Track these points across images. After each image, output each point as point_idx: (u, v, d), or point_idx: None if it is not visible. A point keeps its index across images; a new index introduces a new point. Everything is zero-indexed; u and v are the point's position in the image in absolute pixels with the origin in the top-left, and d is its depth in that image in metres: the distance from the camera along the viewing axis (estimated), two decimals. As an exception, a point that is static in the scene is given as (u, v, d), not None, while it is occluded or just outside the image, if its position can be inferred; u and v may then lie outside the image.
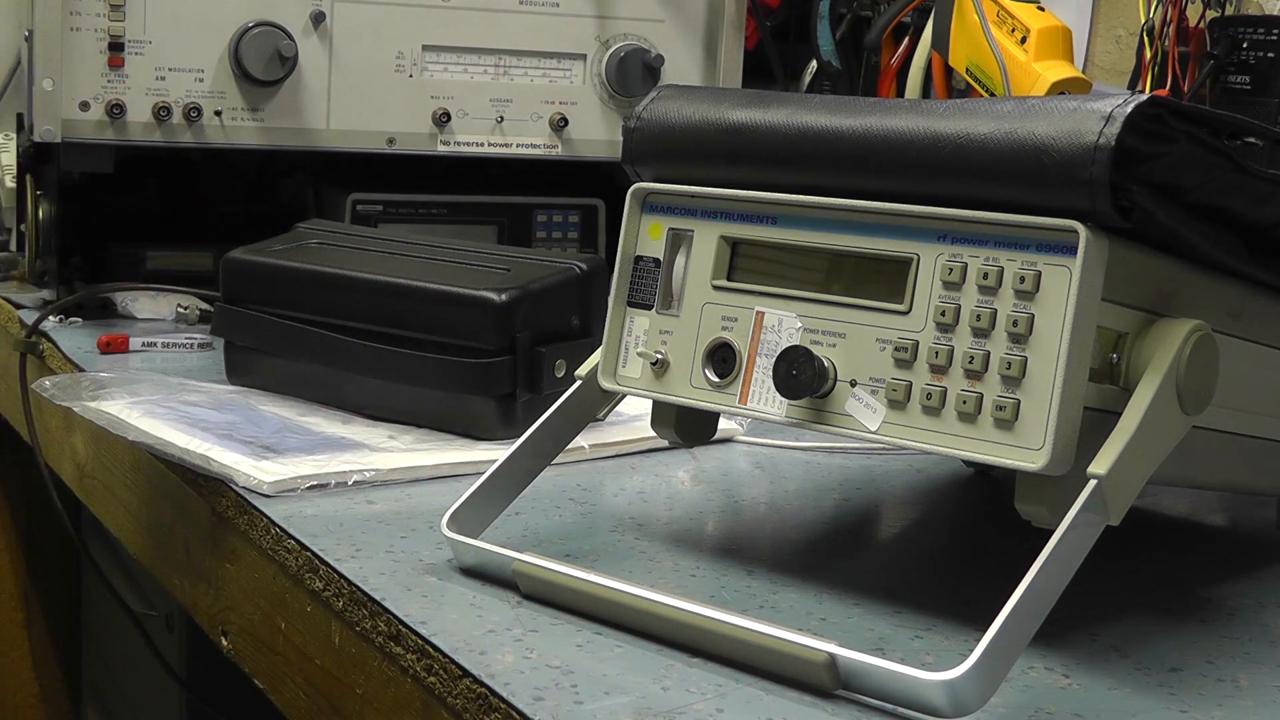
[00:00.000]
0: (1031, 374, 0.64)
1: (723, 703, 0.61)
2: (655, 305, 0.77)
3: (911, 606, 0.72)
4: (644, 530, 0.83)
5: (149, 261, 1.38)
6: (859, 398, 0.69)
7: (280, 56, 1.27)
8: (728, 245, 0.75)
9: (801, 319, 0.71)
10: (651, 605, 0.67)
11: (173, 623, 1.46)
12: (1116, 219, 0.63)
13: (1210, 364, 0.67)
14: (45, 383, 1.03)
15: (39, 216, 1.34)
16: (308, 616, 0.77)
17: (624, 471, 0.94)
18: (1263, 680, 0.67)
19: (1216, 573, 0.83)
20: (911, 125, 0.68)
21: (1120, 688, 0.65)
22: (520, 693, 0.61)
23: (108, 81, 1.24)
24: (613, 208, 1.44)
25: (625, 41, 1.40)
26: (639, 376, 0.77)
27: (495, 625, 0.68)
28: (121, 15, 1.24)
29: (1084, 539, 0.63)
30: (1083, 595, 0.66)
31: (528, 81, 1.38)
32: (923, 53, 1.57)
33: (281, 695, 0.81)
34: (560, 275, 1.00)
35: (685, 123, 0.76)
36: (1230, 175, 0.67)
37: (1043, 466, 0.63)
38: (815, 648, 0.62)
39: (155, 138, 1.26)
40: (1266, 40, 1.29)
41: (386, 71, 1.33)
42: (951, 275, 0.66)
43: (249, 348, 1.07)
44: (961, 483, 0.97)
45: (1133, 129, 0.62)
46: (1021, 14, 1.34)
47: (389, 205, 1.37)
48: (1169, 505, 0.95)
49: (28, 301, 1.35)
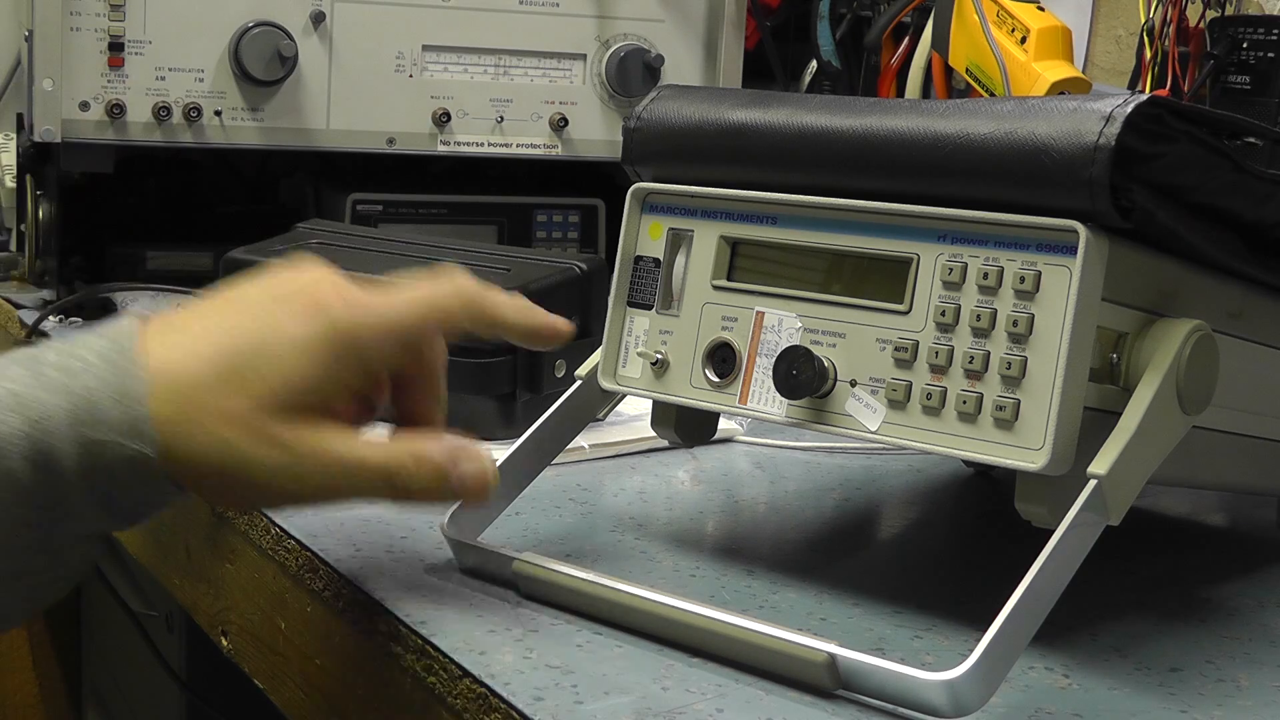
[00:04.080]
0: (1031, 374, 0.64)
1: (723, 703, 0.61)
2: (655, 305, 0.77)
3: (911, 606, 0.72)
4: (644, 530, 0.83)
5: (149, 261, 1.38)
6: (859, 398, 0.69)
7: (280, 56, 1.27)
8: (728, 245, 0.75)
9: (801, 319, 0.71)
10: (651, 605, 0.67)
11: (173, 623, 1.46)
12: (1116, 219, 0.63)
13: (1210, 364, 0.67)
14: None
15: (39, 216, 1.34)
16: (308, 616, 0.77)
17: (624, 471, 0.94)
18: (1263, 680, 0.67)
19: (1216, 573, 0.83)
20: (911, 125, 0.68)
21: (1120, 688, 0.65)
22: (520, 693, 0.61)
23: (108, 81, 1.24)
24: (613, 208, 1.44)
25: (625, 41, 1.40)
26: (639, 376, 0.77)
27: (495, 625, 0.68)
28: (121, 15, 1.24)
29: (1084, 539, 0.63)
30: (1083, 595, 0.66)
31: (528, 81, 1.38)
32: (923, 53, 1.57)
33: (281, 695, 0.81)
34: (560, 275, 1.00)
35: (685, 123, 0.76)
36: (1230, 175, 0.67)
37: (1043, 466, 0.63)
38: (815, 648, 0.62)
39: (155, 138, 1.26)
40: (1266, 40, 1.29)
41: (386, 71, 1.33)
42: (951, 275, 0.66)
43: (249, 348, 1.07)
44: (961, 483, 0.97)
45: (1133, 129, 0.62)
46: (1021, 14, 1.34)
47: (389, 205, 1.37)
48: (1169, 505, 0.95)
49: (28, 301, 1.35)
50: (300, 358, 0.64)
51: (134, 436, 0.62)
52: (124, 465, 0.62)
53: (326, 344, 0.65)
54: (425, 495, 0.67)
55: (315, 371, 0.64)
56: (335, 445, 0.65)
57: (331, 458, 0.64)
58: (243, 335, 0.64)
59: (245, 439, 0.63)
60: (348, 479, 0.65)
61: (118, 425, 0.62)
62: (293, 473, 0.64)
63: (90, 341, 0.64)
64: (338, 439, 0.65)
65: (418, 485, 0.66)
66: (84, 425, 0.62)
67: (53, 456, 0.61)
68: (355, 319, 0.66)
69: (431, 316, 0.69)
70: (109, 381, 0.62)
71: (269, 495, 0.66)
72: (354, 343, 0.65)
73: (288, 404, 0.64)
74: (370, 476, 0.65)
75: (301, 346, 0.64)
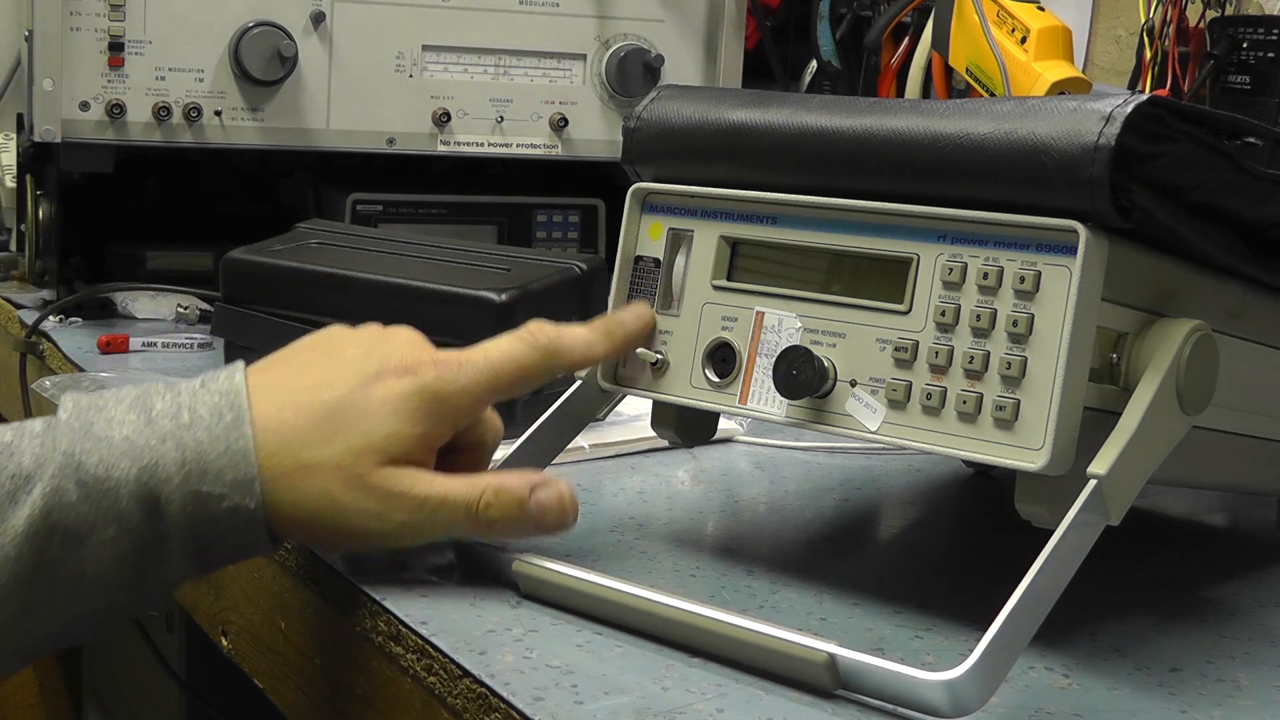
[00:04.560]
0: (1031, 374, 0.64)
1: (723, 703, 0.61)
2: (655, 305, 0.77)
3: (911, 606, 0.72)
4: (644, 530, 0.83)
5: (149, 261, 1.38)
6: (859, 398, 0.69)
7: (280, 56, 1.27)
8: (728, 245, 0.75)
9: (801, 319, 0.71)
10: (651, 605, 0.67)
11: (173, 623, 1.46)
12: (1116, 219, 0.63)
13: (1210, 364, 0.67)
14: (45, 382, 1.03)
15: (39, 216, 1.34)
16: (308, 616, 0.77)
17: (624, 471, 0.94)
18: (1263, 680, 0.67)
19: (1216, 573, 0.83)
20: (911, 125, 0.68)
21: (1120, 688, 0.65)
22: (520, 693, 0.61)
23: (108, 81, 1.24)
24: (613, 208, 1.44)
25: (625, 41, 1.40)
26: (639, 376, 0.77)
27: (495, 625, 0.68)
28: (121, 15, 1.24)
29: (1084, 539, 0.63)
30: (1083, 595, 0.66)
31: (528, 81, 1.38)
32: (923, 53, 1.57)
33: (281, 695, 0.81)
34: (560, 275, 1.00)
35: (685, 123, 0.76)
36: (1230, 175, 0.67)
37: (1043, 466, 0.63)
38: (815, 648, 0.62)
39: (155, 138, 1.26)
40: (1266, 40, 1.29)
41: (386, 71, 1.33)
42: (951, 275, 0.66)
43: (249, 348, 1.07)
44: (961, 483, 0.97)
45: (1133, 129, 0.62)
46: (1021, 14, 1.34)
47: (389, 205, 1.37)
48: (1169, 505, 0.95)
49: (28, 301, 1.34)
50: (393, 415, 0.69)
51: (241, 491, 0.67)
52: (227, 517, 0.67)
53: (418, 403, 0.70)
54: (506, 525, 0.71)
55: (405, 429, 0.69)
56: (420, 488, 0.69)
57: (418, 500, 0.69)
58: (341, 392, 0.70)
59: (340, 487, 0.68)
60: (433, 516, 0.69)
61: (227, 481, 0.67)
62: (384, 516, 0.69)
63: (200, 394, 0.69)
64: (422, 481, 0.69)
65: (498, 515, 0.70)
66: (193, 478, 0.66)
67: (160, 502, 0.66)
68: (444, 380, 0.71)
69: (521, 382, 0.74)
70: (219, 437, 0.67)
71: (362, 537, 0.70)
72: (441, 404, 0.70)
73: (380, 456, 0.69)
74: (454, 512, 0.70)
75: (394, 405, 0.69)
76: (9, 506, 0.65)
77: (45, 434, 0.67)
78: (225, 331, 1.09)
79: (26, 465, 0.66)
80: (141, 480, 0.66)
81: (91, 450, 0.66)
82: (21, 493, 0.65)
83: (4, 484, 0.65)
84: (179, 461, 0.66)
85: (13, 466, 0.66)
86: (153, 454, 0.66)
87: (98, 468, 0.66)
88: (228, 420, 0.68)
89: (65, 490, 0.65)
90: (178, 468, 0.66)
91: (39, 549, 0.65)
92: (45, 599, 0.66)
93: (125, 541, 0.66)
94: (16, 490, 0.65)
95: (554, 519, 0.71)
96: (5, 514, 0.65)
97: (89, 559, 0.66)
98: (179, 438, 0.67)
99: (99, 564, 0.66)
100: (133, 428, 0.67)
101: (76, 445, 0.66)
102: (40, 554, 0.65)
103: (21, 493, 0.65)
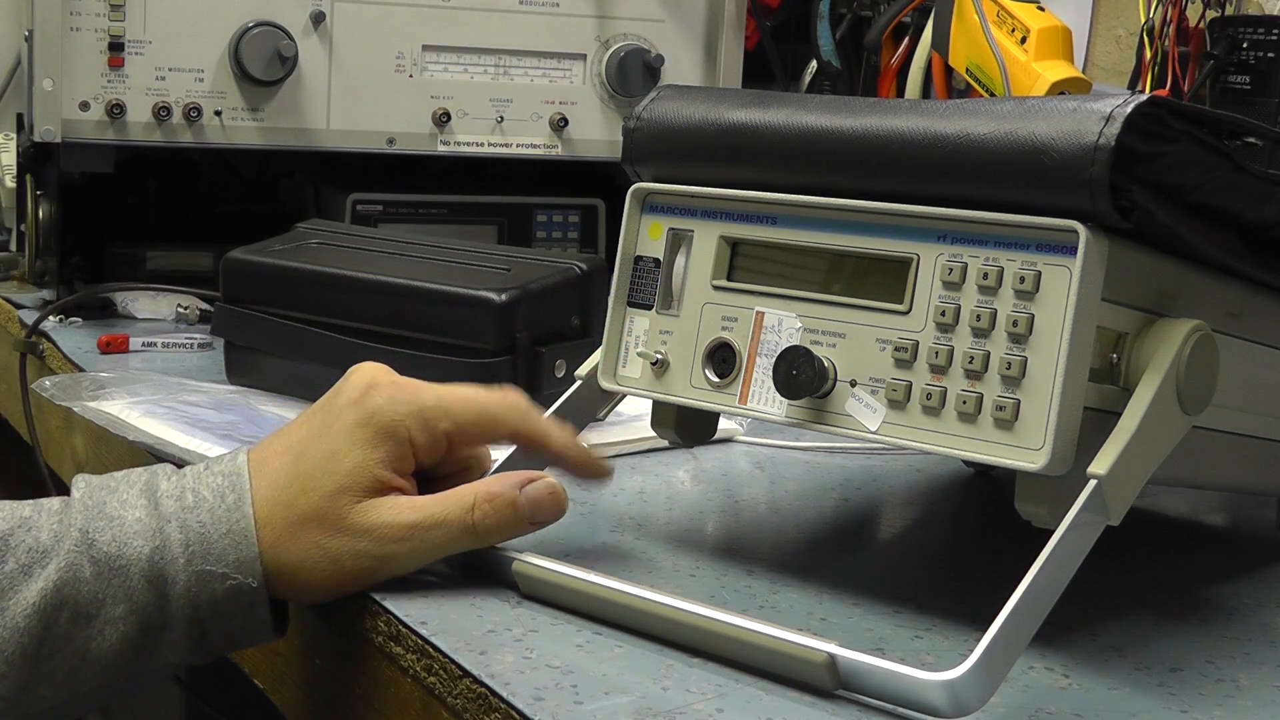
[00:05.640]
0: (1031, 374, 0.64)
1: (723, 703, 0.61)
2: (655, 305, 0.77)
3: (911, 606, 0.72)
4: (644, 530, 0.83)
5: (149, 261, 1.38)
6: (859, 398, 0.69)
7: (280, 56, 1.27)
8: (728, 245, 0.75)
9: (801, 319, 0.71)
10: (651, 605, 0.67)
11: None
12: (1116, 219, 0.63)
13: (1210, 364, 0.67)
14: (45, 383, 1.03)
15: (39, 216, 1.34)
16: (307, 617, 0.77)
17: (624, 471, 0.94)
18: (1263, 680, 0.67)
19: (1216, 573, 0.83)
20: (911, 125, 0.68)
21: (1120, 688, 0.65)
22: (520, 693, 0.61)
23: (108, 81, 1.24)
24: (613, 208, 1.44)
25: (625, 41, 1.40)
26: (639, 376, 0.77)
27: (495, 625, 0.68)
28: (121, 15, 1.24)
29: (1084, 539, 0.63)
30: (1083, 595, 0.66)
31: (528, 81, 1.38)
32: (923, 53, 1.57)
33: (281, 695, 0.81)
34: (560, 275, 1.00)
35: (685, 123, 0.76)
36: (1230, 175, 0.67)
37: (1043, 466, 0.63)
38: (815, 648, 0.62)
39: (155, 138, 1.26)
40: (1266, 40, 1.29)
41: (386, 71, 1.33)
42: (951, 275, 0.66)
43: (249, 348, 1.07)
44: (961, 483, 0.97)
45: (1133, 129, 0.62)
46: (1021, 14, 1.34)
47: (389, 205, 1.37)
48: (1169, 505, 0.95)
49: (28, 301, 1.35)
50: (352, 447, 0.70)
51: (243, 570, 0.68)
52: (229, 597, 0.69)
53: (373, 428, 0.70)
54: (503, 529, 0.71)
55: (367, 455, 0.70)
56: (405, 514, 0.70)
57: (407, 527, 0.70)
58: (306, 437, 0.71)
59: (327, 536, 0.69)
60: (427, 539, 0.70)
61: (230, 560, 0.68)
62: (377, 552, 0.69)
63: (204, 477, 0.70)
64: (404, 507, 0.70)
65: (494, 522, 0.71)
66: (197, 559, 0.68)
67: (165, 579, 0.68)
68: (395, 405, 0.71)
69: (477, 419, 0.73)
70: (222, 519, 0.69)
71: (366, 576, 0.71)
72: (395, 423, 0.71)
73: (354, 492, 0.69)
74: (448, 530, 0.70)
75: (348, 437, 0.70)
76: (24, 580, 0.67)
77: (63, 511, 0.69)
78: (225, 331, 1.09)
79: (44, 540, 0.68)
80: (153, 560, 0.68)
81: (104, 529, 0.68)
82: (37, 566, 0.67)
83: (21, 558, 0.67)
84: (183, 542, 0.68)
85: (30, 540, 0.68)
86: (161, 535, 0.68)
87: (110, 545, 0.67)
88: (229, 501, 0.69)
89: (79, 565, 0.67)
90: (182, 548, 0.68)
91: (47, 624, 0.67)
92: (46, 676, 0.67)
93: (131, 621, 0.67)
94: (33, 564, 0.67)
95: (549, 510, 0.72)
96: (20, 587, 0.67)
97: (94, 636, 0.67)
98: (183, 519, 0.69)
99: (103, 643, 0.67)
100: (143, 509, 0.69)
101: (90, 524, 0.68)
102: (48, 629, 0.67)
103: (37, 566, 0.67)
